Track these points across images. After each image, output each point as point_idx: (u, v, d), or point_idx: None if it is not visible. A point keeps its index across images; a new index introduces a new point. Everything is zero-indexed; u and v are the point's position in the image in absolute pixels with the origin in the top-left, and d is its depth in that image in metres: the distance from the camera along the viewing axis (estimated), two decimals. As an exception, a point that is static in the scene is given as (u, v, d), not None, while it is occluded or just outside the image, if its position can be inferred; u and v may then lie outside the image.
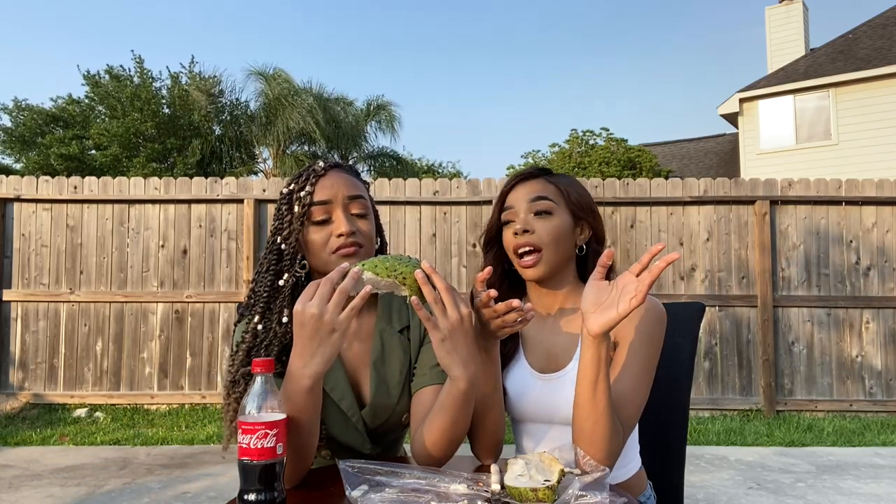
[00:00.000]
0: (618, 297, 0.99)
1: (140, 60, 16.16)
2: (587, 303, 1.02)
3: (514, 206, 1.25)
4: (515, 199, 1.26)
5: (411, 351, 1.28)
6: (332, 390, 1.21)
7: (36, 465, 3.97)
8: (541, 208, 1.23)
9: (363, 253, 1.20)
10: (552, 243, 1.22)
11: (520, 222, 1.22)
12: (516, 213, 1.24)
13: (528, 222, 1.22)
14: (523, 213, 1.24)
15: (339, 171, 1.26)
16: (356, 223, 1.22)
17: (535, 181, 1.27)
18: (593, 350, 1.02)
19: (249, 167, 16.17)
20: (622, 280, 1.00)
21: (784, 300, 5.43)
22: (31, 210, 5.52)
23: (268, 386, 0.92)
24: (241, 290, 5.45)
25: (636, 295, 0.97)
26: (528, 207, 1.23)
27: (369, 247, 1.23)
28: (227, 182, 5.60)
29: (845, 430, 4.83)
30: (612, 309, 0.99)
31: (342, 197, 1.21)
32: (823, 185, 5.52)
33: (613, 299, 0.99)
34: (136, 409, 5.39)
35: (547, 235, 1.21)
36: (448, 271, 5.51)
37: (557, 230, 1.22)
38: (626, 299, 0.98)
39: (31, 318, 5.46)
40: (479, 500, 0.91)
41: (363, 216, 1.24)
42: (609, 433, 1.04)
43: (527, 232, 1.21)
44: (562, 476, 0.93)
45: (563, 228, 1.23)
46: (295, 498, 1.01)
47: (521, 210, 1.24)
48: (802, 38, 15.62)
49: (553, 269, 1.24)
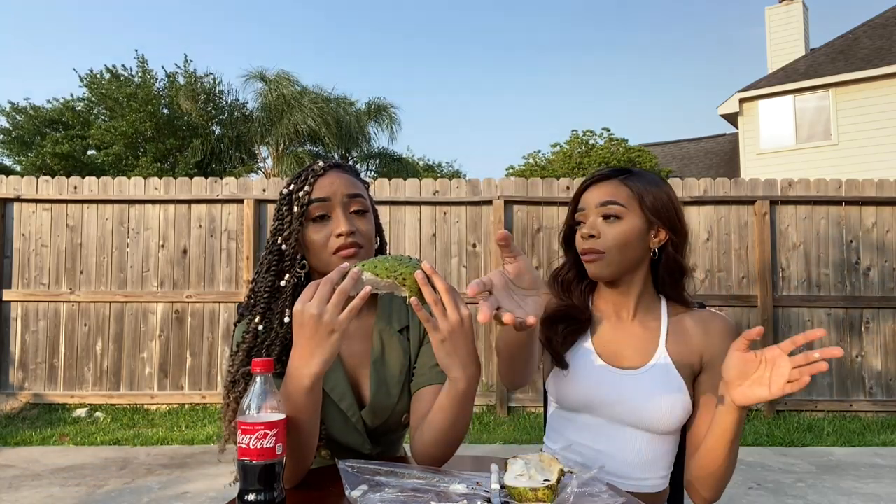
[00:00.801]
0: (769, 376, 0.98)
1: (143, 60, 16.18)
2: (731, 373, 1.02)
3: (585, 208, 1.26)
4: (587, 202, 1.26)
5: (411, 351, 1.28)
6: (331, 390, 1.21)
7: (36, 465, 3.97)
8: (609, 213, 1.22)
9: (363, 254, 1.20)
10: (616, 248, 1.21)
11: (588, 226, 1.23)
12: (586, 216, 1.25)
13: (595, 226, 1.22)
14: (592, 216, 1.24)
15: (339, 171, 1.26)
16: (355, 222, 1.21)
17: (608, 183, 1.26)
18: (735, 416, 1.05)
19: (249, 167, 16.17)
20: (770, 355, 0.99)
21: (784, 300, 5.43)
22: (31, 210, 5.52)
23: (267, 386, 0.92)
24: (241, 290, 5.45)
25: (795, 383, 0.96)
26: (597, 211, 1.23)
27: (369, 247, 1.23)
28: (227, 182, 5.60)
29: (845, 430, 4.83)
30: (762, 388, 0.99)
31: (341, 195, 1.21)
32: (823, 185, 5.52)
33: (763, 377, 0.99)
34: (136, 409, 5.39)
35: (612, 240, 1.21)
36: (448, 271, 5.51)
37: (625, 235, 1.21)
38: (780, 382, 0.97)
39: (31, 318, 5.46)
40: (478, 499, 0.91)
41: (363, 214, 1.24)
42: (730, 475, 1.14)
43: (592, 237, 1.22)
44: (561, 476, 0.93)
45: (633, 233, 1.22)
46: (295, 498, 1.01)
47: (591, 213, 1.24)
48: (802, 38, 15.61)
49: (618, 271, 1.24)
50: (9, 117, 16.17)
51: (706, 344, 1.22)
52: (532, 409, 5.34)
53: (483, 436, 4.71)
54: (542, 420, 1.60)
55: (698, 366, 1.23)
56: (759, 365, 1.00)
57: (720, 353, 1.17)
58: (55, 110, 16.29)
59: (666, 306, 1.29)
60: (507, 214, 5.49)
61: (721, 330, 1.24)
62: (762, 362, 1.00)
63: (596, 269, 1.23)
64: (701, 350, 1.23)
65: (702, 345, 1.23)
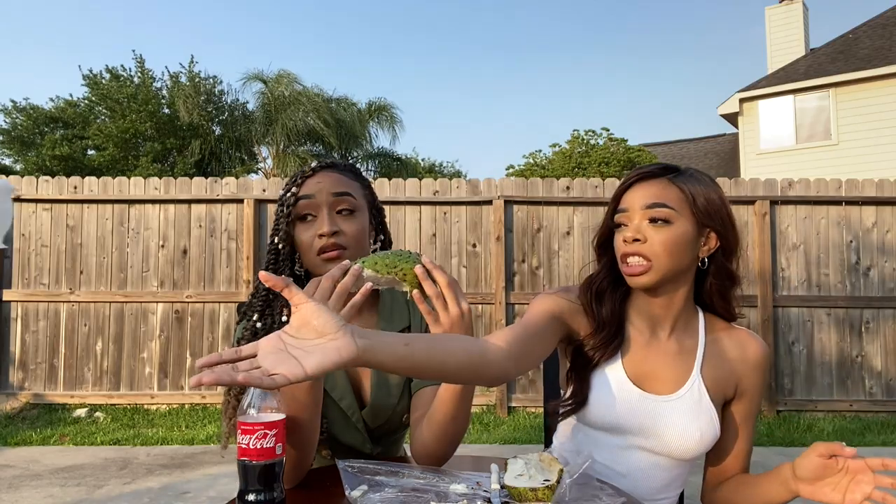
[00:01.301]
0: (846, 485, 0.97)
1: (141, 60, 16.17)
2: (805, 469, 1.00)
3: (628, 209, 1.12)
4: (631, 202, 1.12)
5: None
6: (332, 389, 1.21)
7: (36, 465, 3.97)
8: (658, 216, 1.09)
9: (348, 254, 1.18)
10: (664, 255, 1.08)
11: (632, 229, 1.10)
12: (630, 218, 1.11)
13: (641, 230, 1.09)
14: (637, 218, 1.10)
15: (329, 171, 1.25)
16: (339, 223, 1.20)
17: (655, 182, 1.12)
18: (787, 498, 1.06)
19: (249, 167, 16.17)
20: (854, 466, 0.97)
21: (784, 300, 5.43)
22: (31, 210, 5.52)
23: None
24: (241, 290, 5.45)
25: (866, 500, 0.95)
26: (643, 214, 1.10)
27: (355, 247, 1.21)
28: (227, 182, 5.60)
29: (845, 431, 4.83)
30: (836, 493, 0.98)
31: (327, 194, 1.21)
32: (823, 185, 5.52)
33: (841, 484, 0.98)
34: (136, 409, 5.39)
35: (660, 246, 1.08)
36: (448, 271, 5.49)
37: (674, 241, 1.09)
38: (857, 498, 0.95)
39: (31, 318, 5.46)
40: (478, 499, 0.91)
41: (350, 213, 1.22)
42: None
43: (637, 241, 1.09)
44: (561, 476, 0.93)
45: (683, 239, 1.09)
46: (295, 498, 1.01)
47: (635, 215, 1.11)
48: (802, 38, 15.61)
49: (664, 279, 1.11)
50: (9, 117, 16.18)
51: (743, 373, 1.18)
52: (532, 409, 5.34)
53: (483, 436, 4.71)
54: (542, 420, 1.59)
55: (732, 393, 1.19)
56: (838, 472, 0.98)
57: (757, 385, 1.18)
58: (56, 109, 16.30)
59: (704, 322, 1.20)
60: (507, 214, 5.49)
61: (759, 359, 1.18)
62: (845, 473, 0.97)
63: (638, 281, 1.10)
64: (737, 379, 1.18)
65: (738, 373, 1.18)
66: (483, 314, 5.42)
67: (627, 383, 1.15)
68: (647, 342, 1.17)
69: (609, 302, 1.17)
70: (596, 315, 1.16)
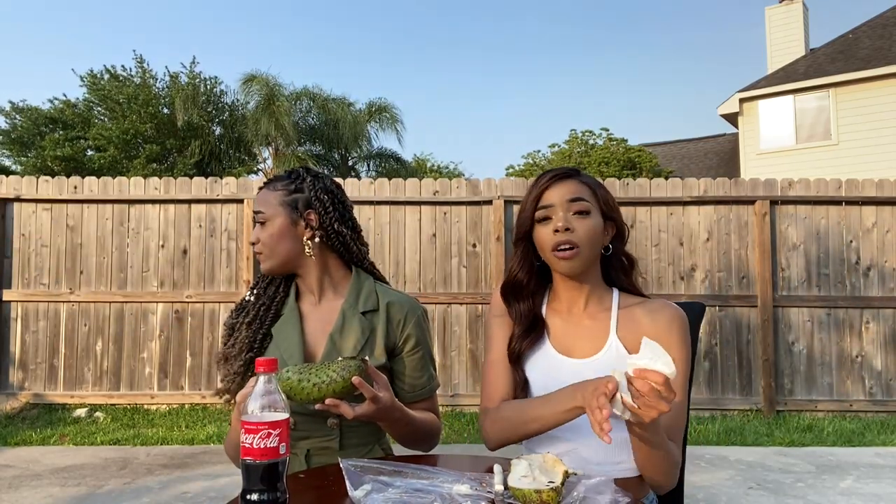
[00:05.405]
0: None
1: (141, 60, 16.15)
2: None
3: (553, 204, 1.28)
4: (554, 198, 1.28)
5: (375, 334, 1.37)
6: (289, 358, 1.33)
7: (36, 465, 3.96)
8: (580, 209, 1.27)
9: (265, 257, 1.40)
10: (587, 241, 1.26)
11: (560, 220, 1.26)
12: (555, 212, 1.27)
13: (569, 220, 1.26)
14: (562, 211, 1.27)
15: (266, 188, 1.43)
16: (258, 233, 1.39)
17: (571, 181, 1.30)
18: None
19: (249, 167, 16.15)
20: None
21: (784, 300, 5.43)
22: (31, 210, 5.52)
23: (270, 385, 0.92)
24: (241, 290, 5.45)
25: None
26: (567, 207, 1.27)
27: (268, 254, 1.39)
28: (227, 182, 5.60)
29: (845, 430, 4.83)
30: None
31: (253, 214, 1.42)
32: (823, 185, 5.52)
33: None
34: (136, 409, 5.38)
35: (584, 234, 1.26)
36: (448, 271, 5.51)
37: (594, 229, 1.27)
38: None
39: (31, 318, 5.45)
40: (482, 500, 0.91)
41: (262, 225, 1.39)
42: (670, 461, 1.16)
43: (568, 230, 1.25)
44: (566, 478, 0.93)
45: (598, 228, 1.28)
46: (297, 497, 1.01)
47: (560, 209, 1.27)
48: (802, 39, 15.62)
49: (586, 265, 1.29)
50: (8, 118, 16.15)
51: (654, 331, 1.24)
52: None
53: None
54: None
55: None
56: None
57: (674, 346, 1.22)
58: (56, 109, 16.26)
59: (618, 298, 1.34)
60: (507, 214, 5.49)
61: (669, 319, 1.27)
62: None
63: (570, 265, 1.26)
64: (649, 337, 1.21)
65: (650, 332, 1.24)
66: (483, 314, 5.42)
67: (557, 356, 1.30)
68: (565, 320, 1.34)
69: (527, 291, 1.35)
70: (515, 312, 1.34)
